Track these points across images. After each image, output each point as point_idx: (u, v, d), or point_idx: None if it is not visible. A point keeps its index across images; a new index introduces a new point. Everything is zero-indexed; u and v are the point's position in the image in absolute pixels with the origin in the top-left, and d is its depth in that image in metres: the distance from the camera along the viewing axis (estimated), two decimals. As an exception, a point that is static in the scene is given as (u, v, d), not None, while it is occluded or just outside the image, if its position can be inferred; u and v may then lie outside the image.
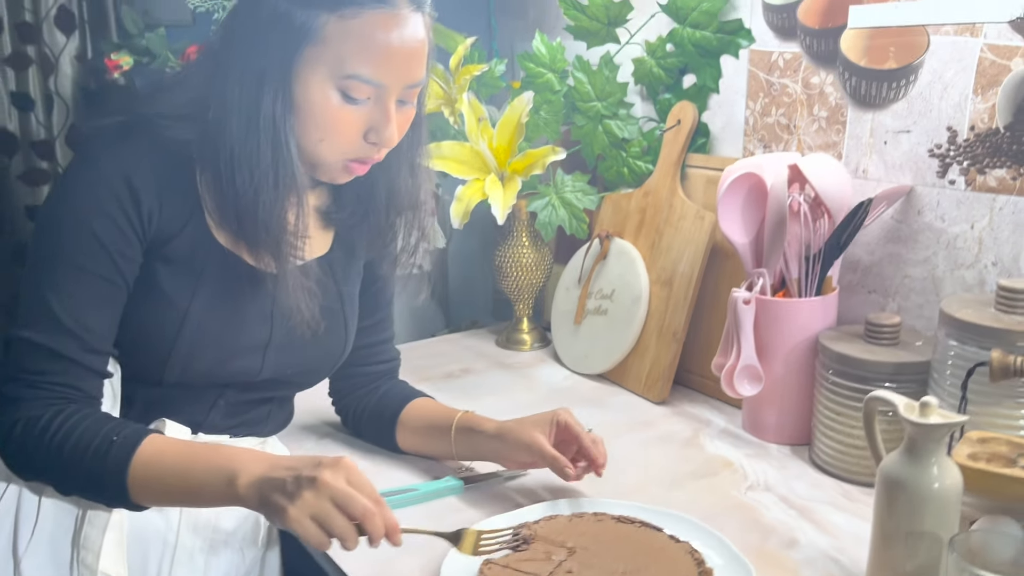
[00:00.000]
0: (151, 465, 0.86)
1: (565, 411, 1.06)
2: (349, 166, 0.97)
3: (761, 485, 1.09)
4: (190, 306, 0.97)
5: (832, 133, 1.23)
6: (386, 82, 0.92)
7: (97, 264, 0.91)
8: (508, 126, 1.45)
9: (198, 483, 0.84)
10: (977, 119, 1.07)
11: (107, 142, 0.94)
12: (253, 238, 0.96)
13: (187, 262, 0.97)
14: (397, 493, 1.06)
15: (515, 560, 0.89)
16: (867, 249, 1.21)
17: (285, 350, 1.05)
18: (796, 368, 1.17)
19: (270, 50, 0.90)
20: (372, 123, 0.94)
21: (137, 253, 0.94)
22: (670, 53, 1.43)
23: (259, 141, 0.92)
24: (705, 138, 1.43)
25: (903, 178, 1.16)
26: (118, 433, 0.87)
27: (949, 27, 1.08)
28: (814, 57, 1.24)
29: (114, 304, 0.94)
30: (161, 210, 0.94)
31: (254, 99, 0.91)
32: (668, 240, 1.40)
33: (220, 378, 1.02)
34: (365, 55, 0.90)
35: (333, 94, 0.91)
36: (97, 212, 0.91)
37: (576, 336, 1.52)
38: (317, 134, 0.93)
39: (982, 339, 0.94)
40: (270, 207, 0.94)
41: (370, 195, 1.08)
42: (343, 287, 1.11)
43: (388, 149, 0.97)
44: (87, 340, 0.91)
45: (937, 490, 0.81)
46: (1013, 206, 1.05)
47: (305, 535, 0.78)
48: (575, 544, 0.92)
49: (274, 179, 0.93)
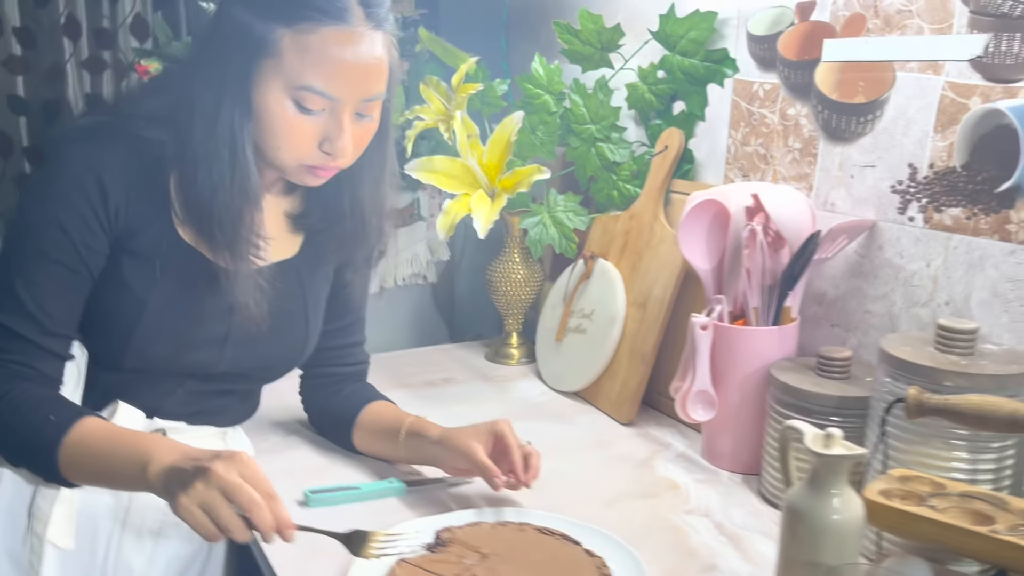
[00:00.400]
0: (79, 445, 0.91)
1: (504, 423, 1.08)
2: (311, 170, 1.02)
3: (700, 510, 1.09)
4: (149, 296, 1.02)
5: (805, 165, 1.23)
6: (339, 95, 0.96)
7: (61, 253, 0.98)
8: (499, 144, 1.49)
9: (117, 466, 0.89)
10: (936, 157, 1.06)
11: (81, 139, 1.00)
12: (210, 235, 1.01)
13: (150, 256, 1.02)
14: (340, 490, 1.10)
15: (426, 561, 0.91)
16: (832, 283, 1.21)
17: (244, 346, 1.09)
18: (751, 397, 1.17)
19: (231, 60, 0.96)
20: (326, 134, 0.99)
21: (103, 245, 1.00)
22: (661, 80, 1.45)
23: (218, 145, 0.97)
24: (690, 164, 1.44)
25: (867, 212, 1.15)
26: (56, 413, 0.92)
27: (914, 64, 1.07)
28: (791, 89, 1.24)
29: (76, 291, 1.00)
30: (128, 206, 1.00)
31: (215, 105, 0.97)
32: (647, 263, 1.42)
33: (178, 367, 1.08)
34: (318, 69, 0.95)
35: (288, 104, 0.96)
36: (65, 205, 0.97)
37: (557, 353, 1.54)
38: (274, 142, 0.99)
39: (912, 376, 0.93)
40: (226, 206, 0.99)
41: (337, 203, 1.12)
42: (307, 290, 1.16)
43: (344, 159, 1.02)
44: (46, 324, 0.97)
45: (836, 521, 0.81)
46: (967, 246, 1.04)
47: (193, 524, 0.82)
48: (490, 550, 0.94)
49: (230, 181, 0.98)
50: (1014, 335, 1.00)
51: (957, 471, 0.93)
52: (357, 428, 1.21)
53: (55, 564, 1.00)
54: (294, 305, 1.13)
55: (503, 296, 1.66)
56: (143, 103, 1.04)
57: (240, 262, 1.02)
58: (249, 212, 1.01)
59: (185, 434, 1.11)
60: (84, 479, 0.94)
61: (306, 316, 1.16)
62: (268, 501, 0.82)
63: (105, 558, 1.04)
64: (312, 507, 1.07)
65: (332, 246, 1.16)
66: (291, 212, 1.15)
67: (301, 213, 1.15)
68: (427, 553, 0.94)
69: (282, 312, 1.10)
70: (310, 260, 1.16)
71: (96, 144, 1.00)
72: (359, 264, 1.19)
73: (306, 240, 1.16)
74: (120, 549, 1.05)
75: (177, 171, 1.01)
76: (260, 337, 1.09)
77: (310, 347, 1.18)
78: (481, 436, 1.07)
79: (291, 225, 1.14)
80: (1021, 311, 0.99)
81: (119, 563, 1.04)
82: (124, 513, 1.04)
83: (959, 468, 0.92)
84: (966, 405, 0.83)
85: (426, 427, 1.13)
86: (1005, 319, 1.01)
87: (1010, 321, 1.00)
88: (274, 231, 1.11)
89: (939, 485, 0.89)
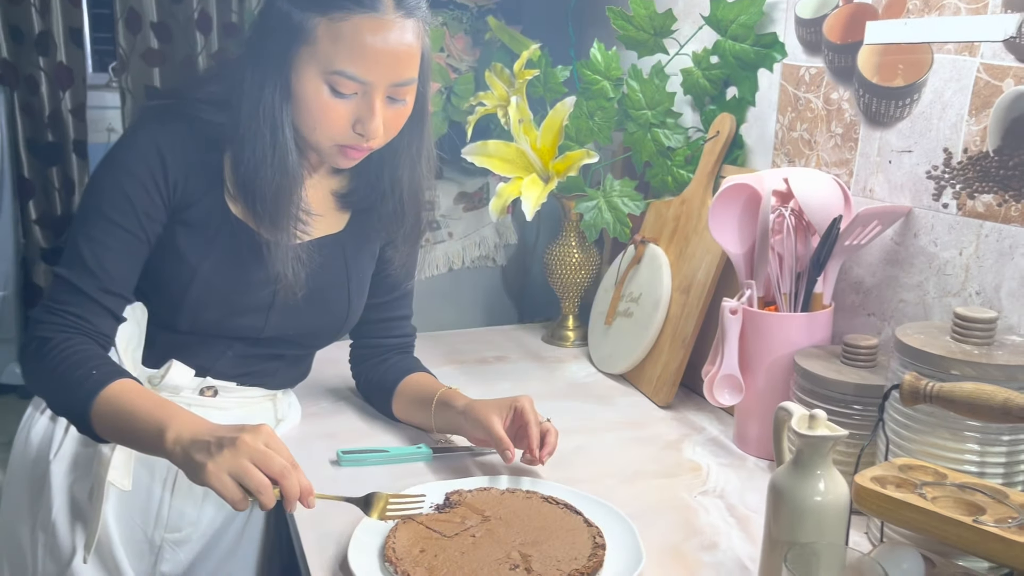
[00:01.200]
0: (111, 403, 0.99)
1: (526, 398, 1.12)
2: (344, 151, 1.09)
3: (715, 492, 1.10)
4: (200, 264, 1.11)
5: (846, 150, 1.21)
6: (370, 79, 1.03)
7: (124, 218, 1.08)
8: (551, 128, 1.52)
9: (138, 429, 0.96)
10: (970, 141, 1.03)
11: (150, 120, 1.11)
12: (254, 209, 1.10)
13: (203, 227, 1.12)
14: (370, 452, 1.17)
15: (430, 519, 0.97)
16: (870, 271, 1.19)
17: (286, 313, 1.18)
18: (778, 383, 1.16)
19: (274, 47, 1.04)
20: (359, 116, 1.05)
21: (161, 214, 1.10)
22: (714, 65, 1.45)
23: (260, 125, 1.06)
24: (740, 150, 1.43)
25: (903, 199, 1.12)
26: (98, 369, 1.01)
27: (951, 46, 1.04)
28: (835, 73, 1.22)
29: (135, 254, 1.10)
30: (186, 180, 1.10)
31: (259, 88, 1.05)
32: (693, 248, 1.42)
33: (228, 331, 1.17)
34: (350, 54, 1.01)
35: (323, 88, 1.03)
36: (130, 175, 1.08)
37: (606, 336, 1.57)
38: (310, 123, 1.06)
39: (922, 365, 0.91)
40: (267, 182, 1.07)
41: (378, 183, 1.19)
42: (351, 263, 1.23)
43: (376, 140, 1.08)
44: (104, 281, 1.07)
45: (818, 503, 0.82)
46: (998, 233, 1.00)
47: (222, 489, 0.88)
48: (492, 514, 0.98)
49: (272, 158, 1.07)
50: (1041, 327, 0.96)
51: (968, 463, 0.91)
52: (396, 397, 1.27)
53: (116, 503, 1.11)
54: (336, 277, 1.21)
55: (559, 279, 1.70)
56: (204, 88, 1.14)
57: (280, 234, 1.10)
58: (288, 187, 1.09)
59: (236, 394, 1.21)
60: (111, 436, 1.02)
61: (348, 288, 1.23)
62: (293, 469, 0.89)
63: (160, 501, 1.15)
64: (343, 466, 1.15)
65: (376, 224, 1.23)
66: (338, 191, 1.22)
67: (347, 192, 1.22)
68: (434, 512, 0.99)
69: (324, 283, 1.18)
70: (356, 237, 1.23)
71: (161, 124, 1.10)
72: (400, 242, 1.25)
73: (352, 217, 1.23)
74: (174, 493, 1.15)
75: (230, 150, 1.10)
76: (302, 306, 1.17)
77: (353, 318, 1.26)
78: (502, 410, 1.11)
79: (338, 203, 1.22)
80: (1049, 302, 0.96)
81: (172, 506, 1.15)
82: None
83: (970, 460, 0.90)
84: (959, 393, 0.81)
85: (454, 397, 1.18)
86: (1033, 310, 0.97)
87: (1037, 312, 0.97)
88: (321, 208, 1.18)
89: (941, 475, 0.88)
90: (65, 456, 1.13)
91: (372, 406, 1.35)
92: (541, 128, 1.52)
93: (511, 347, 1.69)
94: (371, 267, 1.28)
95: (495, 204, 1.53)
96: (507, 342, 1.73)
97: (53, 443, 1.14)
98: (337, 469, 1.14)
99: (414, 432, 1.26)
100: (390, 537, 0.93)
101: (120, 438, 1.01)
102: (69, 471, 1.12)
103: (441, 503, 1.02)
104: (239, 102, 1.07)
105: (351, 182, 1.22)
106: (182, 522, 1.15)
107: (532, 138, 1.52)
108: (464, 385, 1.26)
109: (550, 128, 1.52)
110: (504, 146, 1.53)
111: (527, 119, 1.50)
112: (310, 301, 1.17)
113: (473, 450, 1.18)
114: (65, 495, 1.12)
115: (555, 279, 1.70)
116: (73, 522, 1.11)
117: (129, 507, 1.13)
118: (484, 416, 1.11)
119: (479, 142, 1.52)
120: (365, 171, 1.18)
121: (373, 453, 1.16)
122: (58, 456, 1.13)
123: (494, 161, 1.54)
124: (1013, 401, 0.78)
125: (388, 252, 1.27)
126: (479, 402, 1.15)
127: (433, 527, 0.95)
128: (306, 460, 1.15)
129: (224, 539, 1.17)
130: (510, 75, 1.58)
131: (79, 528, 1.10)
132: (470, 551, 0.91)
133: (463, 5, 1.82)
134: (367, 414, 1.33)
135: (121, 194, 1.07)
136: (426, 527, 0.95)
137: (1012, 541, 0.75)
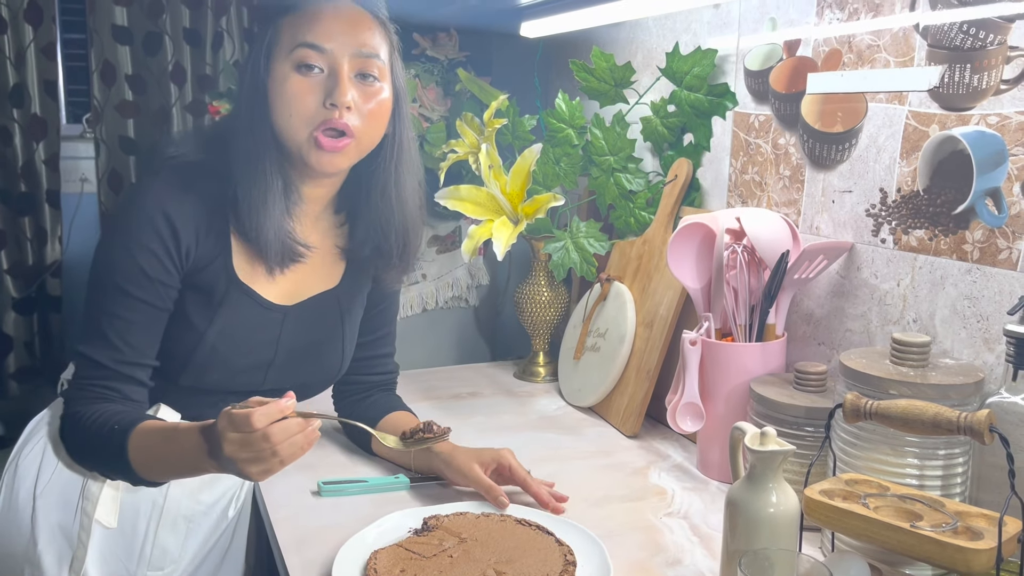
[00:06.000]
0: (141, 447, 1.03)
1: (508, 453, 1.18)
2: (319, 139, 1.08)
3: (680, 513, 1.17)
4: (207, 330, 1.14)
5: (793, 191, 1.30)
6: (330, 45, 1.08)
7: (141, 290, 1.09)
8: (520, 173, 1.60)
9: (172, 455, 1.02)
10: (903, 182, 1.12)
11: (155, 185, 1.12)
12: (252, 239, 1.12)
13: (210, 292, 1.14)
14: (349, 483, 1.22)
15: (409, 542, 1.02)
16: (818, 303, 1.27)
17: (285, 368, 1.21)
18: (736, 409, 1.23)
19: (254, 64, 1.11)
20: (327, 89, 1.09)
21: (176, 281, 1.12)
22: (672, 113, 1.54)
23: (247, 134, 1.10)
24: (697, 192, 1.53)
25: (846, 235, 1.21)
26: (119, 422, 1.05)
27: (882, 95, 1.14)
28: (781, 120, 1.32)
29: (155, 322, 1.12)
30: (197, 246, 1.12)
31: (245, 105, 1.11)
32: (655, 285, 1.50)
33: (227, 387, 1.19)
34: (308, 26, 1.08)
35: (290, 71, 1.08)
36: (142, 248, 1.09)
37: (575, 370, 1.63)
38: (285, 110, 1.09)
39: (864, 386, 0.99)
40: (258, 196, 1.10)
41: (378, 225, 1.21)
42: (346, 317, 1.27)
43: (349, 114, 1.09)
44: (128, 354, 1.10)
45: (771, 514, 0.88)
46: (930, 266, 1.09)
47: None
48: (469, 536, 1.04)
49: (258, 170, 1.10)
50: (971, 350, 1.05)
51: (909, 476, 0.98)
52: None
53: (100, 541, 1.15)
54: (332, 331, 1.25)
55: (529, 317, 1.77)
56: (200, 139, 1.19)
57: (275, 258, 1.13)
58: (275, 204, 1.11)
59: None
60: (160, 475, 1.06)
61: (343, 341, 1.27)
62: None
63: (144, 538, 1.18)
64: (324, 496, 1.19)
65: (369, 268, 1.26)
66: (339, 243, 1.24)
67: (350, 242, 1.24)
68: (413, 536, 1.04)
69: (321, 338, 1.23)
70: (349, 289, 1.27)
71: (167, 188, 1.11)
72: (389, 282, 1.30)
73: (348, 268, 1.26)
74: (158, 531, 1.19)
75: (232, 197, 1.12)
76: (301, 362, 1.21)
77: (344, 367, 1.30)
78: (484, 461, 1.17)
79: (338, 255, 1.25)
80: (977, 327, 1.04)
81: (156, 543, 1.18)
82: (163, 500, 1.19)
83: (910, 474, 0.98)
84: (895, 409, 0.89)
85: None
86: (964, 335, 1.06)
87: (968, 337, 1.05)
88: (322, 260, 1.22)
89: (884, 488, 0.95)
90: (52, 492, 1.16)
91: (351, 440, 1.40)
92: (510, 173, 1.60)
93: (484, 383, 1.75)
94: (360, 314, 1.32)
95: (467, 245, 1.60)
96: (480, 378, 1.79)
97: (40, 478, 1.17)
98: (318, 499, 1.19)
99: (394, 466, 1.31)
100: (372, 559, 0.98)
101: (167, 472, 1.07)
102: (55, 507, 1.16)
103: (420, 528, 1.07)
104: (230, 129, 1.12)
105: (352, 231, 1.24)
106: (164, 560, 1.19)
107: (502, 183, 1.60)
108: (440, 420, 1.30)
109: (519, 173, 1.60)
110: (475, 190, 1.61)
111: (497, 165, 1.59)
112: (307, 356, 1.21)
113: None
114: (51, 531, 1.15)
115: (525, 317, 1.77)
116: (59, 558, 1.14)
117: (113, 545, 1.16)
118: (467, 467, 1.16)
119: (451, 187, 1.60)
120: (365, 212, 1.21)
121: (353, 483, 1.21)
122: (44, 492, 1.16)
123: (466, 205, 1.62)
124: (942, 415, 0.86)
125: (379, 294, 1.32)
126: (462, 450, 1.20)
127: (413, 549, 1.00)
128: (288, 491, 1.21)
129: (204, 569, 1.21)
130: (480, 124, 1.67)
131: (65, 564, 1.13)
132: (448, 570, 0.96)
133: (434, 58, 1.91)
134: (347, 448, 1.38)
135: (135, 267, 1.08)
136: (406, 549, 1.01)
137: (945, 543, 0.82)
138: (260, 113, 1.10)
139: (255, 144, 1.10)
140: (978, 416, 0.84)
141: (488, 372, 1.84)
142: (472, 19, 1.79)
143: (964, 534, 0.84)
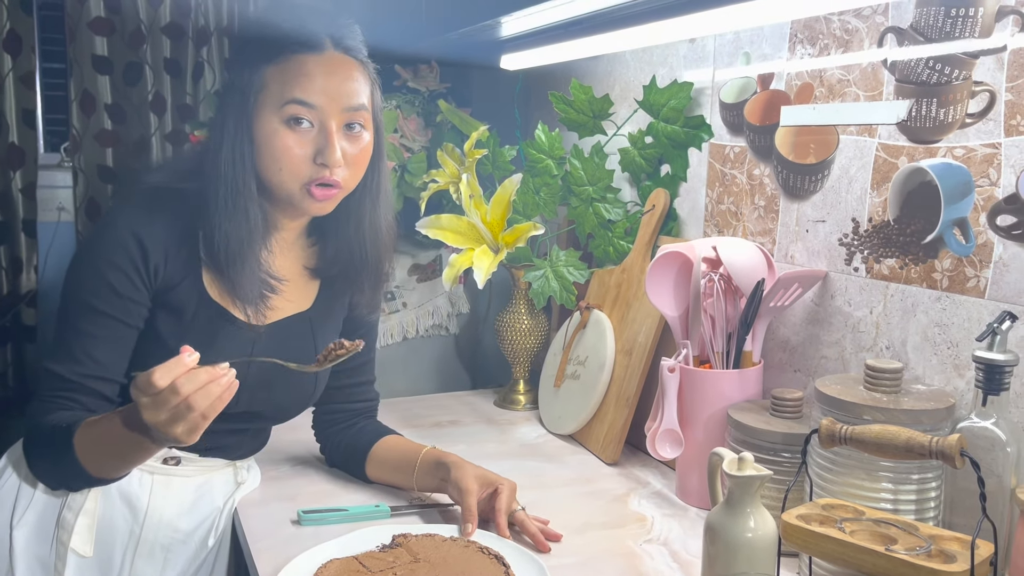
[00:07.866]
0: (85, 440, 1.04)
1: (508, 485, 1.18)
2: (313, 192, 1.12)
3: (659, 540, 1.17)
4: (178, 348, 1.15)
5: (768, 221, 1.33)
6: (319, 103, 1.10)
7: (110, 307, 1.10)
8: (500, 203, 1.62)
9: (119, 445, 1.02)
10: (874, 212, 1.15)
11: (126, 207, 1.14)
12: (224, 274, 1.13)
13: (181, 311, 1.15)
14: (329, 511, 1.21)
15: (365, 556, 1.05)
16: (794, 330, 1.29)
17: (258, 391, 1.21)
18: (715, 435, 1.25)
19: (234, 108, 1.11)
20: (318, 146, 1.11)
21: (145, 299, 1.13)
22: (649, 144, 1.57)
23: (225, 174, 1.11)
24: (674, 222, 1.55)
25: (820, 264, 1.24)
26: (67, 422, 1.06)
27: (853, 127, 1.17)
28: (756, 151, 1.35)
29: (124, 340, 1.13)
30: (166, 264, 1.13)
31: (224, 145, 1.11)
32: (634, 313, 1.52)
33: None
34: (297, 83, 1.09)
35: (279, 126, 1.10)
36: (110, 265, 1.10)
37: (555, 398, 1.64)
38: (274, 164, 1.11)
39: (839, 412, 1.01)
40: (233, 236, 1.11)
41: (348, 251, 1.24)
42: (319, 339, 1.28)
43: (340, 172, 1.12)
44: (93, 370, 1.10)
45: (749, 539, 0.89)
46: (901, 294, 1.12)
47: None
48: (424, 557, 1.05)
49: (234, 207, 1.11)
50: (942, 376, 1.07)
51: (884, 501, 0.99)
52: (370, 459, 1.32)
53: (76, 570, 1.14)
54: (305, 354, 1.25)
55: (510, 345, 1.78)
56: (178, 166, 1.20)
57: (249, 298, 1.15)
58: (254, 245, 1.13)
59: (197, 463, 1.24)
60: (108, 468, 1.06)
61: None
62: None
63: (120, 568, 1.18)
64: (304, 526, 1.19)
65: (342, 290, 1.28)
66: (308, 263, 1.26)
67: (318, 263, 1.26)
68: (375, 551, 1.06)
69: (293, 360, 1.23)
70: (322, 312, 1.28)
71: (137, 209, 1.13)
72: (366, 308, 1.31)
73: (320, 291, 1.28)
74: (135, 560, 1.18)
75: (203, 221, 1.13)
76: (274, 384, 1.21)
77: (319, 391, 1.31)
78: (483, 483, 1.18)
79: (309, 275, 1.27)
80: (947, 353, 1.06)
81: (132, 573, 1.17)
82: (140, 528, 1.18)
83: (885, 498, 0.99)
84: (869, 434, 0.90)
85: (443, 454, 1.24)
86: (935, 361, 1.08)
87: (939, 363, 1.07)
88: (293, 282, 1.23)
89: (859, 512, 0.96)
90: (28, 522, 1.15)
91: (340, 469, 1.39)
92: (491, 203, 1.62)
93: (465, 411, 1.76)
94: (335, 338, 1.33)
95: (448, 274, 1.62)
96: (461, 407, 1.79)
97: (16, 509, 1.16)
98: (299, 528, 1.19)
99: (373, 492, 1.31)
100: (325, 565, 1.01)
101: (113, 461, 1.07)
102: (31, 537, 1.15)
103: (388, 543, 1.08)
104: (208, 162, 1.12)
105: (321, 251, 1.26)
106: (142, 588, 1.18)
107: (482, 212, 1.62)
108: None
109: (499, 203, 1.62)
110: (456, 220, 1.62)
111: (477, 195, 1.60)
112: (279, 377, 1.22)
113: (435, 508, 1.24)
114: (27, 561, 1.14)
115: (506, 345, 1.78)
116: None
117: (90, 574, 1.16)
118: (465, 482, 1.17)
119: (432, 216, 1.61)
120: (334, 237, 1.23)
121: (333, 512, 1.21)
122: (21, 522, 1.15)
123: (447, 234, 1.63)
124: (915, 440, 0.88)
125: (362, 317, 1.33)
126: (470, 465, 1.21)
127: (365, 563, 1.02)
128: (268, 520, 1.20)
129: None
130: (461, 154, 1.69)
131: (42, 594, 1.12)
132: (387, 589, 0.98)
133: (415, 89, 1.93)
134: (327, 477, 1.38)
135: (104, 284, 1.10)
136: (359, 563, 1.02)
137: (920, 566, 0.83)
138: (242, 154, 1.11)
139: (236, 183, 1.11)
140: (949, 441, 0.86)
141: (469, 400, 1.84)
142: (453, 52, 1.82)
143: (938, 557, 0.85)
